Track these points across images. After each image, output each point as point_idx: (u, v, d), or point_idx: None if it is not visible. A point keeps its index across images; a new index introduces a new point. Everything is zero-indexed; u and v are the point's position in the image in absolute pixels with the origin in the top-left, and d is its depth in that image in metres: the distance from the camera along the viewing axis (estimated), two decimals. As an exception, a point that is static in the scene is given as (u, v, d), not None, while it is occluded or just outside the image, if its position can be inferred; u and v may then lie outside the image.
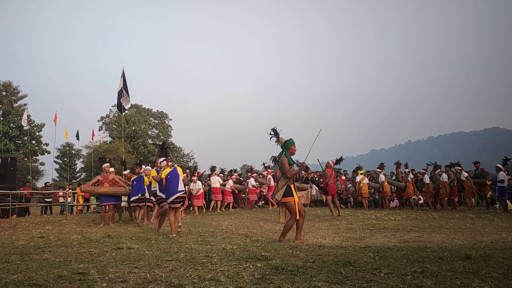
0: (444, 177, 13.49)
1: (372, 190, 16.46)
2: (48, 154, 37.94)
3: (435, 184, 13.94)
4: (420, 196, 15.75)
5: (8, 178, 14.49)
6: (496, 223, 8.79)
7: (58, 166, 41.68)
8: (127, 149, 37.84)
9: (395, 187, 15.58)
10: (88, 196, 17.54)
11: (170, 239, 6.73)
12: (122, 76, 17.40)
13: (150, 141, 45.02)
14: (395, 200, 16.19)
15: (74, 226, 9.70)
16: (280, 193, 6.02)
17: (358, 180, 14.89)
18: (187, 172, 14.85)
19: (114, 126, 42.31)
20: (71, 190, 16.72)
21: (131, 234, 7.79)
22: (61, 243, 6.40)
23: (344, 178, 17.28)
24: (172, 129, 48.46)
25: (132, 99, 18.19)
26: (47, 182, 19.97)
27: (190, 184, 14.09)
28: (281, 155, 6.26)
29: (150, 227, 9.09)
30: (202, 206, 14.58)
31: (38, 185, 31.45)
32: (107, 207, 10.56)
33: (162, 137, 46.34)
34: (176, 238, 6.84)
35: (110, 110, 43.39)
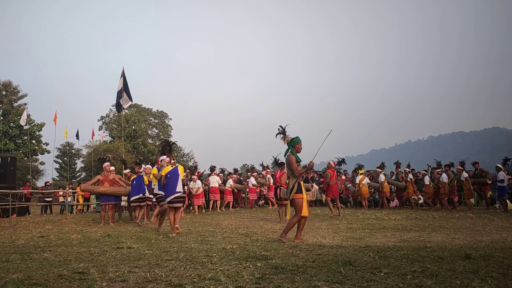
0: (443, 177, 13.49)
1: (372, 190, 16.46)
2: (48, 153, 38.02)
3: (434, 183, 13.94)
4: (420, 196, 15.75)
5: (8, 178, 14.50)
6: (496, 223, 8.79)
7: (58, 166, 41.72)
8: (127, 148, 37.85)
9: (395, 187, 15.59)
10: (88, 195, 17.55)
11: (170, 239, 6.73)
12: (122, 76, 17.32)
13: (150, 140, 45.03)
14: (395, 200, 16.20)
15: (74, 226, 9.71)
16: (293, 192, 6.02)
17: (358, 180, 14.90)
18: (187, 172, 14.85)
19: (114, 125, 42.32)
20: (71, 190, 16.73)
21: (131, 233, 7.79)
22: (61, 243, 6.40)
23: (344, 178, 17.28)
24: (172, 128, 48.51)
25: (133, 99, 18.09)
26: (47, 182, 19.98)
27: (190, 183, 14.09)
28: (287, 153, 6.22)
29: (150, 227, 9.10)
30: (202, 206, 14.58)
31: (38, 184, 31.47)
32: (107, 207, 10.56)
33: (162, 136, 46.34)
34: (176, 238, 6.84)
35: (110, 109, 43.43)
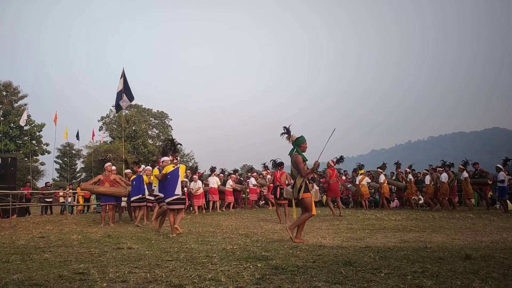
0: (442, 176, 13.47)
1: (372, 190, 16.46)
2: (48, 154, 38.03)
3: (433, 184, 13.92)
4: (420, 196, 15.75)
5: (8, 178, 14.50)
6: (496, 223, 8.79)
7: (58, 166, 41.75)
8: (127, 149, 37.86)
9: (395, 187, 15.59)
10: (88, 196, 17.56)
11: (170, 239, 6.73)
12: (122, 76, 17.23)
13: (150, 141, 45.05)
14: (395, 200, 16.20)
15: (75, 226, 9.71)
16: (301, 191, 6.01)
17: (358, 180, 14.90)
18: (188, 172, 14.85)
19: (114, 126, 42.35)
20: (71, 190, 16.73)
21: (132, 234, 7.79)
22: (61, 243, 6.40)
23: (344, 178, 17.25)
24: (172, 129, 48.54)
25: (134, 98, 18.05)
26: (48, 182, 19.99)
27: (190, 183, 14.07)
28: (292, 152, 6.19)
29: (150, 227, 9.09)
30: (203, 207, 14.57)
31: (39, 185, 31.48)
32: (107, 207, 10.56)
33: (162, 137, 46.36)
34: (176, 238, 6.84)
35: (110, 110, 43.44)
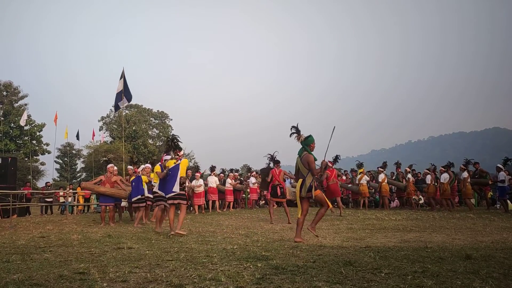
0: (443, 177, 13.47)
1: (372, 190, 16.48)
2: (48, 154, 38.03)
3: (434, 183, 13.92)
4: (420, 196, 15.75)
5: (8, 178, 14.50)
6: (496, 223, 8.79)
7: (58, 166, 41.77)
8: (128, 149, 37.86)
9: (395, 187, 15.59)
10: (88, 196, 17.56)
11: (171, 239, 6.73)
12: (122, 77, 17.17)
13: (150, 141, 45.05)
14: (396, 200, 16.20)
15: (75, 226, 9.71)
16: (312, 190, 6.06)
17: (357, 179, 14.96)
18: (189, 173, 14.81)
19: (114, 126, 42.35)
20: (72, 190, 16.72)
21: (132, 234, 7.79)
22: (61, 243, 6.40)
23: (344, 178, 17.25)
24: (172, 129, 48.52)
25: (133, 100, 18.11)
26: (48, 182, 19.99)
27: (192, 182, 14.00)
28: (302, 152, 6.21)
29: (151, 227, 9.09)
30: (203, 206, 14.56)
31: (39, 185, 31.49)
32: (108, 207, 10.56)
33: (162, 137, 46.35)
34: (176, 238, 6.84)
35: (110, 110, 43.43)
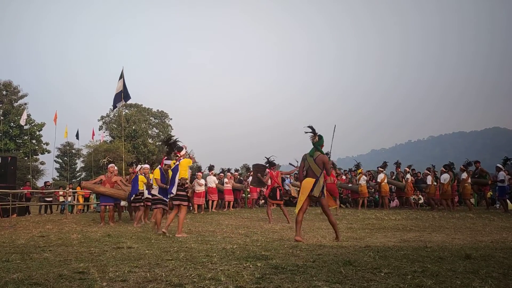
0: (443, 178, 13.47)
1: (372, 190, 16.49)
2: (48, 153, 38.02)
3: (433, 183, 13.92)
4: (420, 196, 15.75)
5: (8, 177, 14.50)
6: (496, 223, 8.79)
7: (58, 166, 41.75)
8: (127, 148, 37.85)
9: (395, 187, 15.60)
10: (88, 195, 17.55)
11: (170, 239, 6.73)
12: (122, 77, 17.09)
13: (150, 140, 45.05)
14: (395, 200, 16.20)
15: (74, 226, 9.71)
16: (324, 189, 6.21)
17: (356, 179, 15.00)
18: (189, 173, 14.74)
19: (114, 125, 42.34)
20: (71, 190, 16.71)
21: (131, 233, 7.79)
22: (61, 242, 6.40)
23: (344, 178, 17.28)
24: (172, 128, 48.51)
25: (132, 99, 18.18)
26: (47, 182, 19.98)
27: (193, 181, 13.98)
28: (314, 152, 6.25)
29: (150, 227, 9.08)
30: (203, 206, 14.54)
31: (39, 184, 31.47)
32: (108, 207, 10.55)
33: (162, 136, 46.33)
34: (175, 238, 6.84)
35: (110, 109, 43.41)
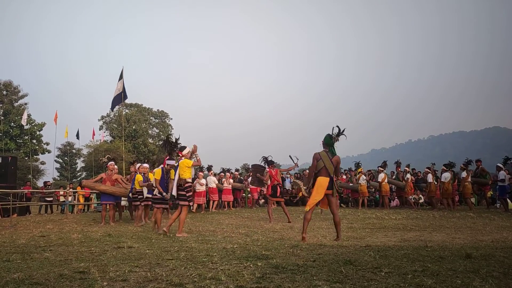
0: (443, 177, 13.46)
1: (372, 190, 16.49)
2: (48, 153, 38.02)
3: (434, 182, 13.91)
4: (420, 195, 15.75)
5: (9, 177, 14.50)
6: (496, 222, 8.79)
7: (58, 165, 41.76)
8: (128, 148, 37.86)
9: (395, 186, 15.60)
10: (88, 195, 17.56)
11: (171, 238, 6.73)
12: (121, 78, 17.04)
13: (150, 140, 45.05)
14: (396, 199, 16.20)
15: (75, 225, 9.71)
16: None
17: (356, 179, 15.01)
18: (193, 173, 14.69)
19: (114, 125, 42.34)
20: (72, 189, 16.71)
21: (132, 233, 7.79)
22: (61, 242, 6.40)
23: (344, 177, 17.28)
24: (172, 128, 48.51)
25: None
26: (48, 181, 19.98)
27: (195, 180, 13.96)
28: (333, 152, 6.37)
29: (151, 226, 9.08)
30: (203, 206, 14.54)
31: (39, 184, 31.47)
32: (108, 206, 10.56)
33: (162, 136, 46.32)
34: (176, 237, 6.84)
35: (110, 109, 43.41)
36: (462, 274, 3.64)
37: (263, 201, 18.13)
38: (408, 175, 14.83)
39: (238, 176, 17.75)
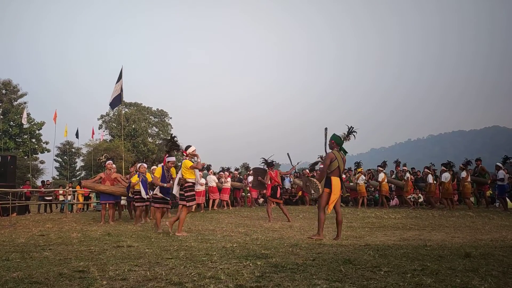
0: (443, 177, 13.46)
1: (372, 189, 16.50)
2: (48, 152, 37.98)
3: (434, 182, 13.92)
4: (419, 194, 15.75)
5: (8, 176, 14.50)
6: (495, 222, 8.80)
7: (58, 165, 41.74)
8: (127, 147, 37.84)
9: (395, 186, 15.61)
10: (87, 194, 17.56)
11: (170, 237, 6.73)
12: (121, 78, 17.00)
13: (150, 139, 45.04)
14: (395, 198, 16.21)
15: (74, 224, 9.70)
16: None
17: (355, 178, 15.02)
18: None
19: (114, 124, 42.31)
20: (71, 189, 16.71)
21: (131, 232, 7.79)
22: (61, 241, 6.40)
23: (344, 177, 17.28)
24: (172, 127, 48.50)
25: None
26: (47, 181, 19.96)
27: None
28: (345, 152, 6.45)
29: (150, 226, 9.09)
30: (202, 205, 14.53)
31: (38, 183, 31.46)
32: (108, 205, 10.55)
33: (162, 135, 46.32)
34: (175, 236, 6.84)
35: (109, 108, 43.41)
36: (461, 273, 3.64)
37: (263, 200, 18.13)
38: (407, 174, 14.84)
39: (238, 175, 17.74)
